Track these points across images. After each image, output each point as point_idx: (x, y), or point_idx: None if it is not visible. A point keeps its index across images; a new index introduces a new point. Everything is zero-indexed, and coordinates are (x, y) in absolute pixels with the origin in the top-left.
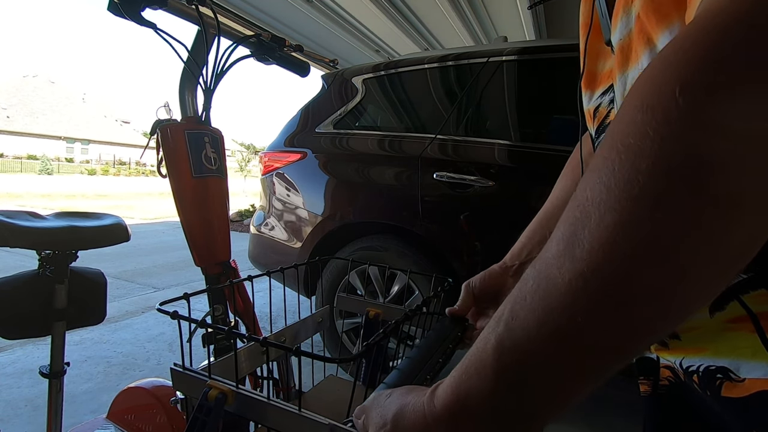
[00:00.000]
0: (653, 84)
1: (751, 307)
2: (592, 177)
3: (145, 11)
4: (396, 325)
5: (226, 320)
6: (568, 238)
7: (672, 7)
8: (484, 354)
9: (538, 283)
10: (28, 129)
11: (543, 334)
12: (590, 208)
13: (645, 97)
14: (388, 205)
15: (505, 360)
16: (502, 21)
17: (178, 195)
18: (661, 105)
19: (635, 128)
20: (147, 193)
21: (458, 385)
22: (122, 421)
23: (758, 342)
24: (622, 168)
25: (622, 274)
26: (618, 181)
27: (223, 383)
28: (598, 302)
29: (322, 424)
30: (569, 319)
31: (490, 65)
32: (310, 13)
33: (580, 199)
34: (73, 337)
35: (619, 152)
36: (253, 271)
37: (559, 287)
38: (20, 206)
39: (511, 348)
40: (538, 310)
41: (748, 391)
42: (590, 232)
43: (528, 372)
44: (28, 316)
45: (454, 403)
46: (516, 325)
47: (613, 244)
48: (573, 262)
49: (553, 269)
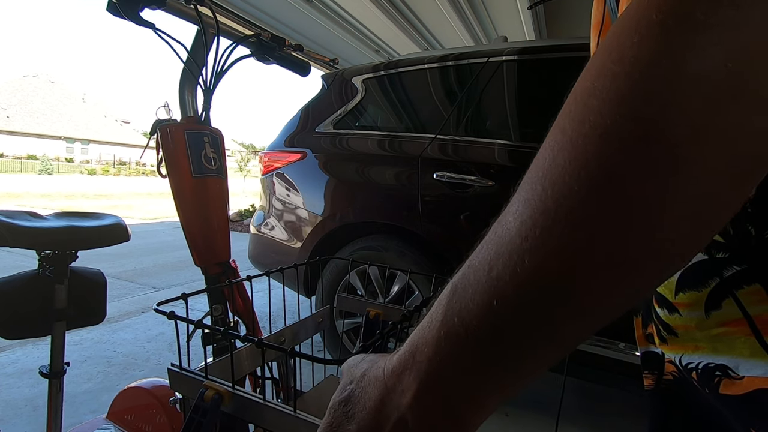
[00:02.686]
0: (615, 28)
1: (747, 308)
2: (553, 125)
3: (143, 11)
4: (394, 326)
5: (225, 320)
6: (524, 183)
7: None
8: (438, 303)
9: (495, 230)
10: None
11: (491, 278)
12: (546, 152)
13: (606, 42)
14: (388, 205)
15: (452, 305)
16: (502, 21)
17: (178, 195)
18: (617, 45)
19: (593, 71)
20: (147, 193)
21: (412, 336)
22: (122, 421)
23: (756, 344)
24: (576, 108)
25: (572, 212)
26: (571, 122)
27: (220, 384)
28: (546, 243)
29: (317, 425)
30: (517, 262)
31: (490, 65)
32: (310, 13)
33: (541, 148)
34: (73, 337)
35: (575, 95)
36: (252, 271)
37: (510, 231)
38: (20, 206)
39: (461, 293)
40: (490, 255)
41: (747, 388)
42: (543, 174)
43: (472, 317)
44: (28, 316)
45: (405, 353)
46: (469, 272)
47: (563, 182)
48: (525, 205)
49: (509, 215)
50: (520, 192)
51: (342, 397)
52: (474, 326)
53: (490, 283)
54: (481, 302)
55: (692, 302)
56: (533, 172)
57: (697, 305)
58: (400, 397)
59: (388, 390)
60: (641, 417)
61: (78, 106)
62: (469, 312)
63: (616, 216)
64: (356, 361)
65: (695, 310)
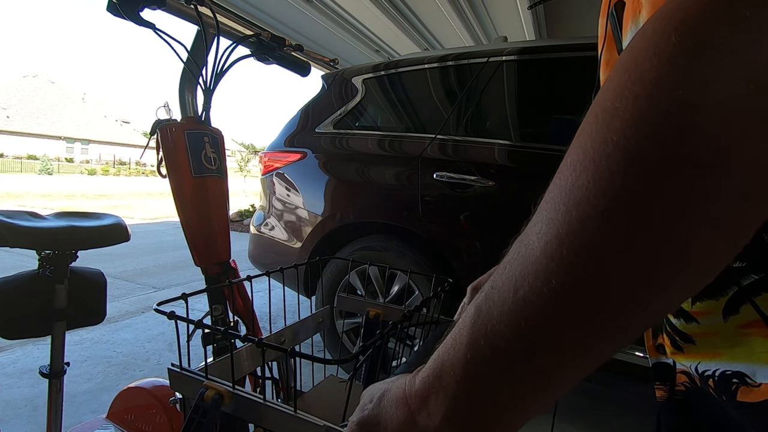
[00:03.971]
0: (632, 49)
1: (764, 310)
2: (573, 144)
3: (143, 11)
4: (394, 326)
5: (225, 320)
6: (547, 203)
7: None
8: (462, 325)
9: (518, 250)
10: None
11: (518, 299)
12: (568, 172)
13: (624, 61)
14: (388, 205)
15: (478, 327)
16: (502, 21)
17: (178, 195)
18: (636, 66)
19: (613, 91)
20: (147, 193)
21: (436, 358)
22: (122, 421)
23: None
24: (598, 129)
25: (597, 232)
26: (593, 142)
27: (220, 384)
28: (573, 264)
29: (317, 425)
30: (544, 283)
31: (490, 65)
32: (310, 13)
33: (561, 167)
34: (73, 337)
35: (596, 115)
36: (252, 271)
37: (535, 251)
38: (20, 206)
39: (487, 314)
40: (515, 276)
41: (765, 396)
42: (566, 194)
43: (499, 339)
44: (28, 316)
45: (430, 376)
46: (494, 293)
47: (587, 202)
48: (549, 225)
49: (532, 235)
50: (542, 212)
51: (361, 417)
52: (502, 348)
53: (516, 304)
54: (508, 323)
55: (710, 311)
56: (555, 192)
57: (714, 313)
58: (426, 420)
59: (412, 412)
60: (640, 416)
61: (78, 106)
62: (496, 333)
63: (642, 236)
64: (378, 384)
65: (713, 318)
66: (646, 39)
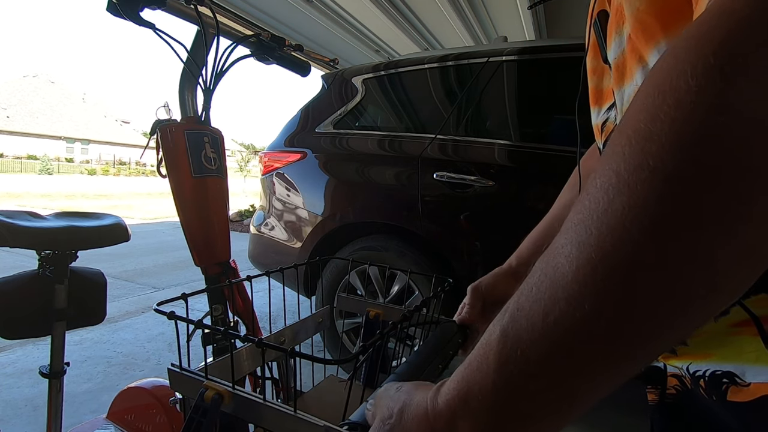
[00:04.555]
0: (664, 70)
1: (753, 310)
2: (603, 165)
3: (143, 11)
4: (394, 326)
5: (225, 320)
6: (576, 225)
7: (658, 27)
8: (487, 347)
9: (545, 272)
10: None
11: (548, 323)
12: (599, 195)
13: (657, 83)
14: (388, 205)
15: (507, 351)
16: (502, 21)
17: (178, 195)
18: (672, 89)
19: (646, 113)
20: (147, 193)
21: (460, 380)
22: (122, 421)
23: (761, 345)
24: (632, 152)
25: (632, 258)
26: (627, 165)
27: (220, 384)
28: (607, 290)
29: (317, 425)
30: (576, 308)
31: (490, 65)
32: (310, 13)
33: (590, 188)
34: (73, 337)
35: (629, 138)
36: (252, 271)
37: (566, 275)
38: (20, 206)
39: (515, 338)
40: (544, 300)
41: (753, 395)
42: (599, 218)
43: (530, 364)
44: (28, 316)
45: (454, 398)
46: (521, 316)
47: (623, 228)
48: (580, 249)
49: (561, 258)
50: (571, 233)
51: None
52: (533, 374)
53: (547, 329)
54: (539, 349)
55: None
56: (585, 214)
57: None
58: None
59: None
60: (640, 417)
61: (78, 106)
62: (527, 359)
63: (678, 262)
64: (392, 391)
65: None
66: (680, 61)
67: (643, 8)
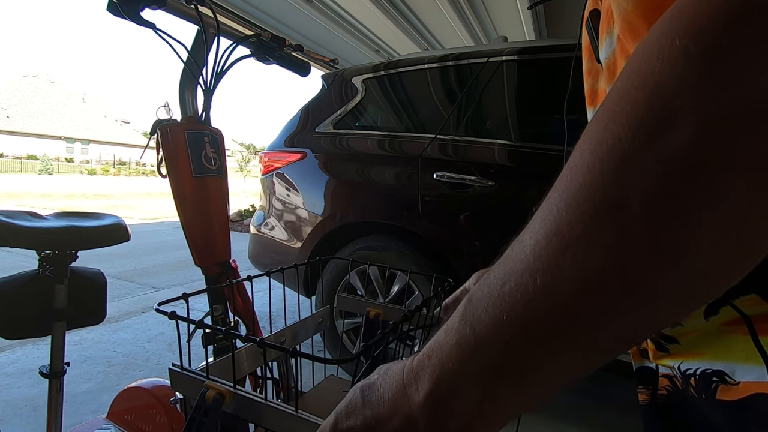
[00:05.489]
0: (638, 52)
1: (743, 310)
2: (575, 147)
3: (144, 11)
4: (394, 326)
5: (226, 320)
6: (544, 202)
7: (645, 28)
8: (456, 311)
9: (513, 246)
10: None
11: (503, 293)
12: (565, 173)
13: (628, 66)
14: (388, 205)
15: (467, 316)
16: (502, 21)
17: (178, 195)
18: (640, 70)
19: (615, 93)
20: (147, 193)
21: (433, 339)
22: (122, 421)
23: (751, 344)
24: (596, 130)
25: (582, 234)
26: (590, 144)
27: (221, 384)
28: (558, 264)
29: (318, 425)
30: (528, 280)
31: (490, 65)
32: (310, 13)
33: (562, 169)
34: (73, 337)
35: (598, 118)
36: (253, 271)
37: (525, 249)
38: (20, 206)
39: (475, 304)
40: (504, 271)
41: (743, 393)
42: (559, 195)
43: (483, 330)
44: (28, 316)
45: (422, 355)
46: (484, 285)
47: (577, 205)
48: (541, 224)
49: (526, 233)
50: (539, 211)
51: (365, 383)
52: (483, 337)
53: (501, 298)
54: (492, 315)
55: (693, 314)
56: (552, 192)
57: (696, 315)
58: (414, 394)
59: (404, 385)
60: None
61: (78, 106)
62: (480, 323)
63: (629, 243)
64: (371, 376)
65: (695, 318)
66: (651, 43)
67: (630, 9)
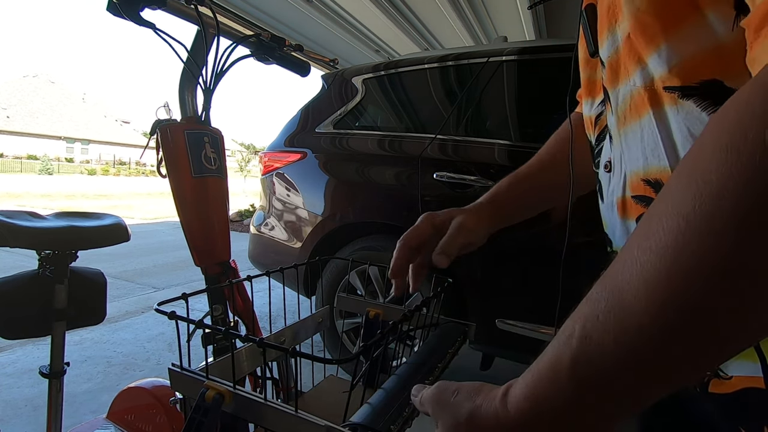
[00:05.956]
0: (739, 125)
1: None
2: (666, 207)
3: (144, 11)
4: (394, 326)
5: (225, 320)
6: (643, 264)
7: (659, 29)
8: (558, 366)
9: (612, 304)
10: (28, 129)
11: (619, 351)
12: (666, 238)
13: (730, 137)
14: (388, 205)
15: (581, 374)
16: (502, 21)
17: (178, 195)
18: (747, 148)
19: (718, 166)
20: (147, 193)
21: (532, 393)
22: (122, 421)
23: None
24: (703, 203)
25: (699, 303)
26: (698, 215)
27: (221, 384)
28: (674, 329)
29: (319, 425)
30: (646, 341)
31: (490, 65)
32: (310, 13)
33: (654, 228)
34: (73, 337)
35: (699, 187)
36: (253, 271)
37: (636, 311)
38: (20, 206)
39: (587, 363)
40: (615, 331)
41: (734, 387)
42: (666, 260)
43: (603, 385)
44: (28, 316)
45: (528, 409)
46: (591, 343)
47: (694, 274)
48: (648, 290)
49: (628, 294)
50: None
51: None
52: (604, 394)
53: (619, 353)
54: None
55: None
56: (651, 255)
57: None
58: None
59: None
60: None
61: (78, 106)
62: (600, 378)
63: (747, 311)
64: (447, 394)
65: None
66: (757, 117)
67: (644, 8)
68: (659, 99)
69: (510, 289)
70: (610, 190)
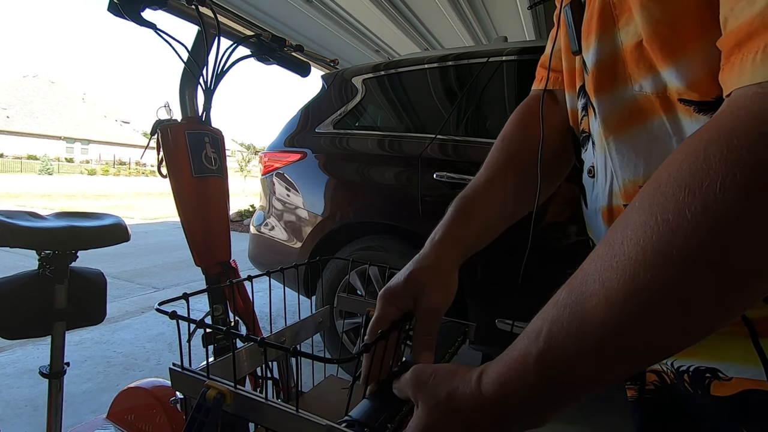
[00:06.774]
0: (697, 170)
1: (745, 312)
2: (628, 233)
3: (144, 11)
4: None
5: (226, 320)
6: (604, 281)
7: (678, 44)
8: (526, 359)
9: (575, 312)
10: (28, 129)
11: (579, 352)
12: (626, 263)
13: (688, 179)
14: (388, 205)
15: (545, 367)
16: (502, 21)
17: (178, 195)
18: (702, 194)
19: (675, 206)
20: (147, 193)
21: (503, 379)
22: (122, 421)
23: (750, 346)
24: (660, 239)
25: (649, 330)
26: (655, 249)
27: (222, 383)
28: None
29: (319, 424)
30: (603, 346)
31: (490, 65)
32: (310, 13)
33: (617, 251)
34: (73, 337)
35: (657, 223)
36: (253, 271)
37: (594, 322)
38: (20, 206)
39: (552, 359)
40: (576, 336)
41: (735, 389)
42: (625, 284)
43: (564, 377)
44: (28, 316)
45: (500, 395)
46: (556, 343)
47: (647, 303)
48: (608, 306)
49: (589, 305)
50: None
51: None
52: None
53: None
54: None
55: None
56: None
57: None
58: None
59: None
60: None
61: (78, 106)
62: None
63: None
64: (427, 377)
65: None
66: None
67: (665, 20)
68: (673, 107)
69: (510, 289)
70: (593, 196)
